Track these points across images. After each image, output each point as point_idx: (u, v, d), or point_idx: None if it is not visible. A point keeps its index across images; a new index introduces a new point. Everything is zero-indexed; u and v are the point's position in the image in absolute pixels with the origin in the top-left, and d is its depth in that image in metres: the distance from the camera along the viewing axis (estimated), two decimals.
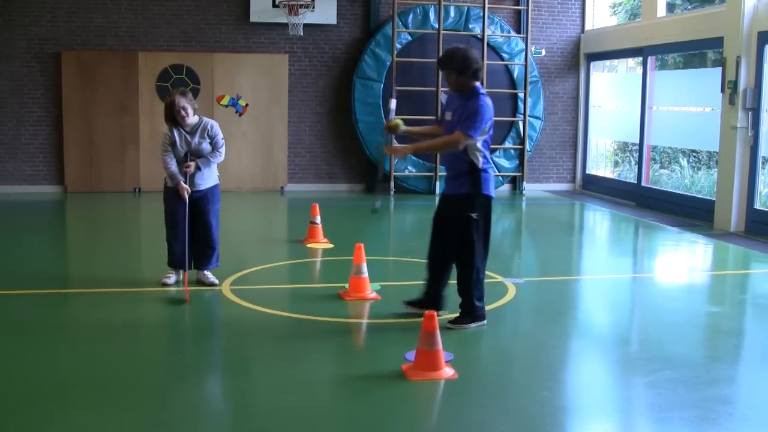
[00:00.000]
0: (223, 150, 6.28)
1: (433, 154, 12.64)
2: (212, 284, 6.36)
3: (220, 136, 6.27)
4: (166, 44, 12.40)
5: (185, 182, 6.13)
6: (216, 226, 6.38)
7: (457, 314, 5.39)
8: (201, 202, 6.27)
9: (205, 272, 6.41)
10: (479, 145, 5.21)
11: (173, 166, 6.13)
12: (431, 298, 5.52)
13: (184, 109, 6.07)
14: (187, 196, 6.13)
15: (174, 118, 6.10)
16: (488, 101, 5.22)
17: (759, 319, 6.09)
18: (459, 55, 5.21)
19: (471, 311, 5.34)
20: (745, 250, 8.51)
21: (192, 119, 6.15)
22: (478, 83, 5.26)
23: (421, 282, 5.62)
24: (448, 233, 5.35)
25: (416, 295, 5.63)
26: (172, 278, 6.37)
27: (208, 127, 6.24)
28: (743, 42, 9.44)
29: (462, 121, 5.14)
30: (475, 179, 5.19)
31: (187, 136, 6.16)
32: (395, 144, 5.52)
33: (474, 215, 5.18)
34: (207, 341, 5.27)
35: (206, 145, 6.21)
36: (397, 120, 5.49)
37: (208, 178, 6.30)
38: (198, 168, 6.16)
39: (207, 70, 12.40)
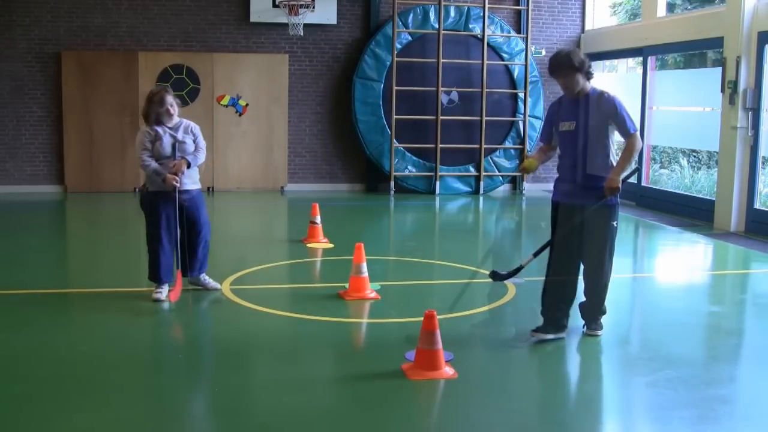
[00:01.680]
0: (204, 150, 6.04)
1: (431, 154, 12.69)
2: (215, 288, 6.18)
3: (201, 137, 6.06)
4: (166, 44, 12.40)
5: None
6: (209, 225, 6.18)
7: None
8: (191, 204, 6.00)
9: (204, 276, 6.21)
10: (615, 147, 5.01)
11: (154, 163, 5.83)
12: (559, 322, 5.12)
13: (172, 105, 5.87)
14: (177, 186, 5.80)
15: (158, 114, 5.86)
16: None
17: (759, 319, 6.09)
18: (575, 52, 4.99)
19: (598, 315, 5.19)
20: (745, 250, 8.51)
21: (176, 117, 5.96)
22: (590, 84, 5.07)
23: (421, 282, 5.60)
24: (588, 247, 5.04)
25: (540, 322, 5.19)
26: (163, 293, 5.92)
27: (191, 126, 6.04)
28: (743, 42, 9.44)
29: (620, 124, 4.91)
30: None
31: (172, 132, 5.91)
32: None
33: (615, 224, 5.05)
34: (207, 341, 5.26)
35: (190, 143, 5.95)
36: (530, 159, 5.27)
37: (195, 179, 6.07)
38: (188, 165, 5.89)
39: (207, 70, 12.40)
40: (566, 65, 4.96)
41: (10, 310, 5.71)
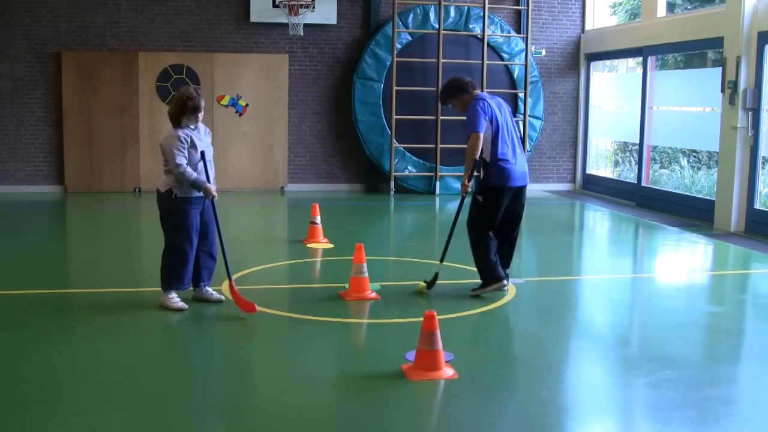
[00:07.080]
0: None
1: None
2: (219, 301, 5.91)
3: None
4: (166, 44, 12.40)
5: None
6: None
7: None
8: (212, 208, 5.75)
9: (208, 289, 5.93)
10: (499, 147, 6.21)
11: (194, 173, 5.52)
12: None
13: (203, 108, 5.62)
14: (215, 197, 5.62)
15: (189, 120, 5.56)
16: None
17: (759, 319, 6.09)
18: (446, 85, 6.30)
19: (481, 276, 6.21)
20: (745, 250, 8.51)
21: None
22: (476, 93, 6.23)
23: (422, 281, 5.59)
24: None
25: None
26: (180, 300, 5.76)
27: (208, 129, 5.85)
28: (743, 42, 9.44)
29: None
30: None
31: (198, 135, 5.67)
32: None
33: (480, 198, 6.18)
34: (207, 341, 5.27)
35: (211, 146, 5.78)
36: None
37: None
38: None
39: (207, 70, 12.40)
40: (442, 98, 6.37)
41: (11, 311, 5.71)
